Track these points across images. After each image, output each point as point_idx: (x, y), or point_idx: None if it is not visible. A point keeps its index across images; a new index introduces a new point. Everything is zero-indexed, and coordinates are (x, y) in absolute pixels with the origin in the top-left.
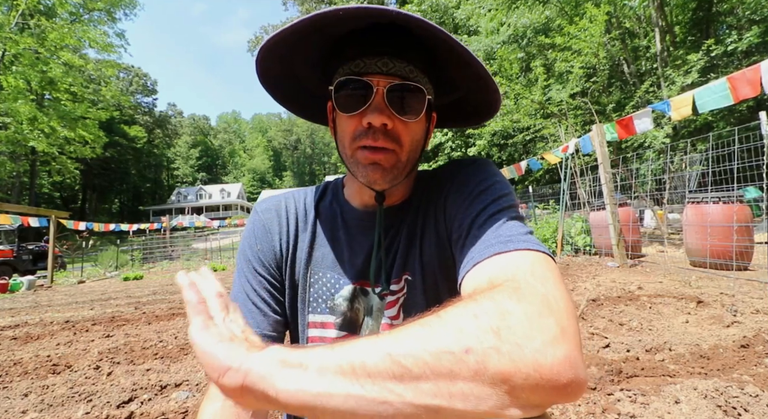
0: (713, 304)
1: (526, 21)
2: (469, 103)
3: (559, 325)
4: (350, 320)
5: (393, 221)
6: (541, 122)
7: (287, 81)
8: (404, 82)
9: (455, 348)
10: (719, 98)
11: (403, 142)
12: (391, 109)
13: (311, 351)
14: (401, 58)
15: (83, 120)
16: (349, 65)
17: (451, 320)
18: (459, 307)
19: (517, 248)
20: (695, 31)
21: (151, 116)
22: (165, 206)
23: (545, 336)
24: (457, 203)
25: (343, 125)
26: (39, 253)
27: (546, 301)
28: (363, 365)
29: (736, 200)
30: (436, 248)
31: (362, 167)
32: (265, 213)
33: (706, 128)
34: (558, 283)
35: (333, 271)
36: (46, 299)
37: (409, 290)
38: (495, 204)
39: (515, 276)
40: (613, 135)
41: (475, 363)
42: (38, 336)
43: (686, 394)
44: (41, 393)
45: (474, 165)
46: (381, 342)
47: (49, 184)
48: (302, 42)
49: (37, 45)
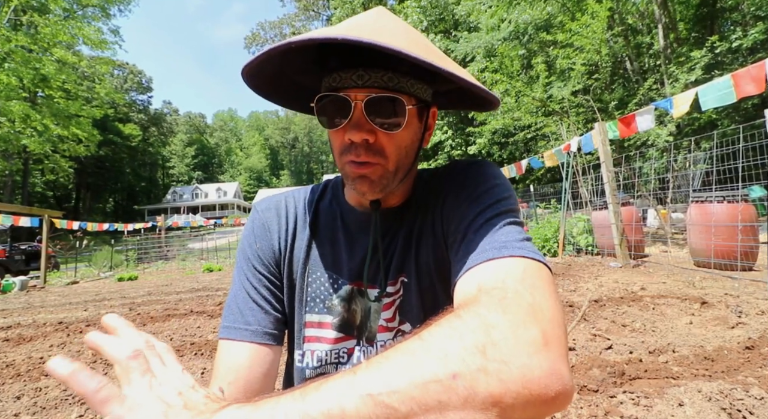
0: (717, 305)
1: (527, 17)
2: (469, 93)
3: (543, 334)
4: (347, 321)
5: (392, 222)
6: (543, 120)
7: (285, 86)
8: (381, 95)
9: (442, 375)
10: (723, 96)
11: (387, 154)
12: (371, 123)
13: (276, 405)
14: (378, 67)
15: (77, 118)
16: (329, 79)
17: (435, 343)
18: (443, 326)
19: (511, 255)
20: (699, 27)
21: (146, 114)
22: (160, 206)
23: (530, 348)
24: (454, 206)
25: (331, 138)
26: (32, 253)
27: (532, 310)
28: (342, 414)
29: (740, 199)
30: (433, 250)
31: (351, 180)
32: (264, 212)
33: (710, 126)
34: (548, 292)
35: (331, 271)
36: (39, 300)
37: (405, 292)
38: (492, 208)
39: (504, 284)
40: (615, 133)
41: (464, 389)
42: (31, 337)
43: (690, 397)
44: (34, 395)
45: (475, 166)
46: (360, 382)
47: (42, 183)
48: (283, 61)
49: (30, 42)
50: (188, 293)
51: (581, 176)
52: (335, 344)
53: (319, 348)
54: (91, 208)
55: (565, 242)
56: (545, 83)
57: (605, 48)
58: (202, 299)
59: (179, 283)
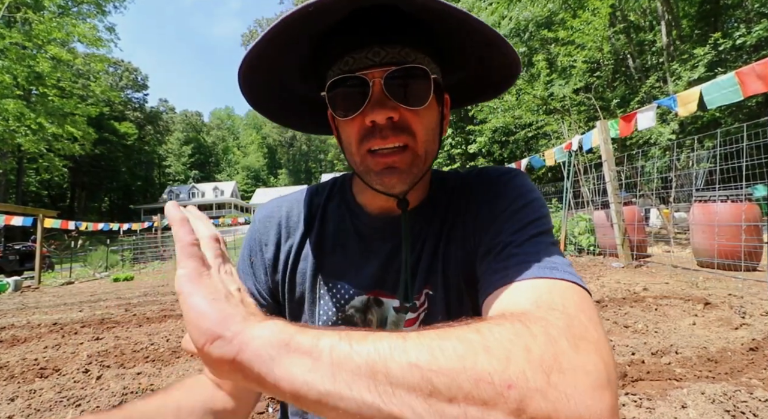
0: (721, 306)
1: (528, 14)
2: (483, 74)
3: (607, 375)
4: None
5: (411, 227)
6: (544, 119)
7: (282, 97)
8: (401, 67)
9: (497, 379)
10: (727, 94)
11: (415, 132)
12: (393, 99)
13: (322, 336)
14: (393, 43)
15: (72, 116)
16: (339, 64)
17: (496, 344)
18: (506, 328)
19: (563, 278)
20: (702, 24)
21: (141, 112)
22: (156, 205)
23: (594, 389)
24: (490, 217)
25: (346, 130)
26: (26, 253)
27: (596, 348)
28: (386, 372)
29: (744, 199)
30: (462, 262)
31: (375, 175)
32: (262, 222)
33: (713, 124)
34: (602, 327)
35: (343, 281)
36: (33, 300)
37: (430, 305)
38: (534, 225)
39: (566, 309)
40: (617, 132)
41: (515, 403)
42: (25, 338)
43: (693, 399)
44: (28, 397)
45: (510, 176)
46: (410, 350)
47: (37, 182)
48: (283, 53)
49: (24, 39)
50: None
51: (583, 175)
52: None
53: None
54: (86, 207)
55: (567, 242)
56: (546, 81)
57: (607, 45)
58: None
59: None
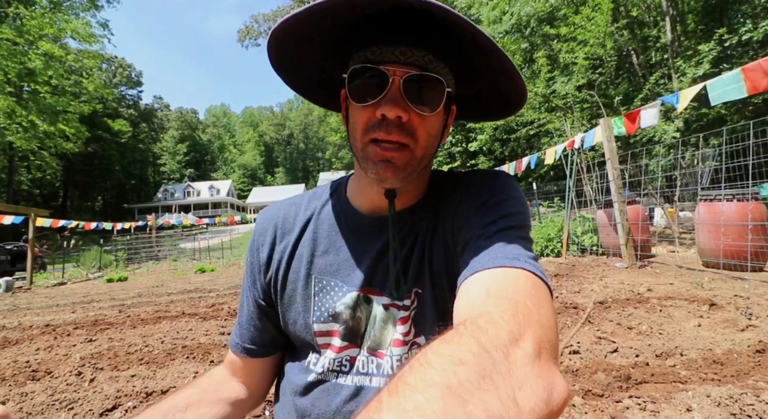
0: (727, 307)
1: (530, 10)
2: (491, 96)
3: (541, 351)
4: (352, 329)
5: (402, 226)
6: (546, 116)
7: (301, 66)
8: (423, 73)
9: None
10: (733, 90)
11: (418, 136)
12: (407, 100)
13: None
14: (420, 47)
15: (64, 114)
16: (365, 52)
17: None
18: (452, 344)
19: (523, 267)
20: (708, 19)
21: (136, 110)
22: (151, 204)
23: (533, 369)
24: (467, 214)
25: (355, 115)
26: (17, 253)
27: (536, 332)
28: None
29: (751, 198)
30: (444, 260)
31: (373, 164)
32: (261, 224)
33: (719, 121)
34: (551, 312)
35: (335, 278)
36: (25, 301)
37: (420, 304)
38: (506, 220)
39: (514, 296)
40: (620, 129)
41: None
42: (17, 340)
43: (699, 402)
44: (20, 400)
45: (491, 176)
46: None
47: (29, 180)
48: (314, 27)
49: (15, 35)
50: (180, 295)
51: (586, 174)
52: (339, 352)
53: (325, 356)
54: (79, 206)
55: (569, 242)
56: (548, 78)
57: (610, 41)
58: (194, 300)
59: (170, 284)
